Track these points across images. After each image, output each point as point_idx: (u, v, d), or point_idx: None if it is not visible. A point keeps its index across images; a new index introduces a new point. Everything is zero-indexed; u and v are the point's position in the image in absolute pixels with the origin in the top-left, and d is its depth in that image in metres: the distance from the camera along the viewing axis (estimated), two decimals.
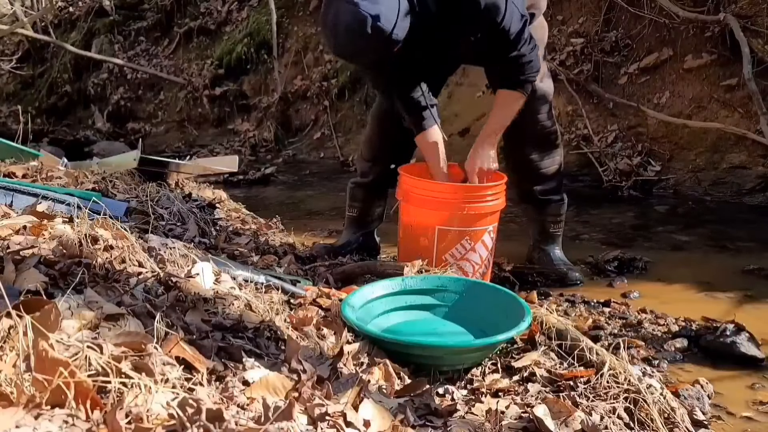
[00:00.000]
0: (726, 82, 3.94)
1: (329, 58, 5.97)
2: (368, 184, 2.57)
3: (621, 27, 4.44)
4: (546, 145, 2.43)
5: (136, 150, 3.15)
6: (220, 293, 1.44)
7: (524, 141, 2.40)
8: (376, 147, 2.55)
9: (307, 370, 1.23)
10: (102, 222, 1.53)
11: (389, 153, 2.49)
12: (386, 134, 2.51)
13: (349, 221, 2.63)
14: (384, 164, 2.50)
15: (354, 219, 2.61)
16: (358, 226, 2.60)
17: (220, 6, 7.09)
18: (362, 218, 2.60)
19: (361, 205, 2.60)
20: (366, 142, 2.64)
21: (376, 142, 2.56)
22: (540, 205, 2.51)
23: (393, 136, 2.47)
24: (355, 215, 2.61)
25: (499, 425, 1.23)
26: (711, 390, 1.68)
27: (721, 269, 2.63)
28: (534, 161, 2.42)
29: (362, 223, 2.60)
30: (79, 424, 0.86)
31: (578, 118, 4.38)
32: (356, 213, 2.61)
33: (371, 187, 2.57)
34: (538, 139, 2.40)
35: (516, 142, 2.42)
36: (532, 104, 2.30)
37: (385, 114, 2.50)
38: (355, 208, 2.61)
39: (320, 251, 2.50)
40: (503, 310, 1.65)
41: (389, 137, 2.49)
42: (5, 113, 7.82)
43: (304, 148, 5.77)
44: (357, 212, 2.61)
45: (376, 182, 2.54)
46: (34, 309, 1.01)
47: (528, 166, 2.44)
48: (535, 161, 2.42)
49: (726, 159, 3.84)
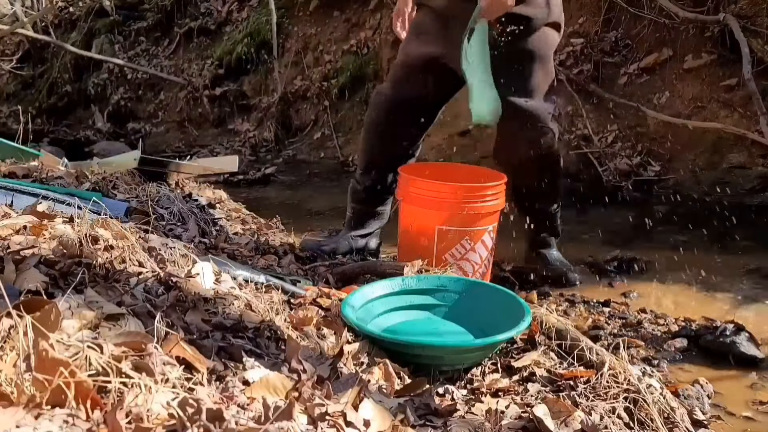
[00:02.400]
0: (726, 82, 3.94)
1: (329, 58, 5.97)
2: (364, 189, 2.57)
3: (621, 27, 4.44)
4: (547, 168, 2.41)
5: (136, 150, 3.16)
6: (220, 293, 1.44)
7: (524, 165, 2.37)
8: (367, 157, 2.56)
9: (307, 370, 1.23)
10: (102, 222, 1.53)
11: (379, 163, 2.49)
12: (376, 145, 2.51)
13: (347, 221, 2.65)
14: (374, 174, 2.51)
15: (350, 219, 2.62)
16: (351, 227, 2.61)
17: (220, 6, 7.09)
18: (357, 220, 2.60)
19: (357, 206, 2.61)
20: (359, 151, 2.66)
21: (366, 153, 2.57)
22: (535, 217, 2.51)
23: (383, 148, 2.48)
24: (352, 215, 2.62)
25: (498, 425, 1.23)
26: (711, 390, 1.68)
27: (721, 269, 2.63)
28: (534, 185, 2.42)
29: (357, 225, 2.60)
30: (80, 424, 0.86)
31: (578, 118, 4.38)
32: (352, 213, 2.62)
33: (367, 192, 2.57)
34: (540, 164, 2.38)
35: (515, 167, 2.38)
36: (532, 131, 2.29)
37: (374, 123, 2.51)
38: (352, 208, 2.62)
39: (307, 245, 2.52)
40: (503, 310, 1.65)
41: (379, 148, 2.50)
42: (5, 113, 7.81)
43: (304, 148, 5.77)
44: (353, 213, 2.62)
45: (371, 188, 2.54)
46: (35, 309, 1.01)
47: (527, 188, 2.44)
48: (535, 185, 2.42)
49: (726, 159, 3.84)
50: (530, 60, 2.25)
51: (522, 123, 2.26)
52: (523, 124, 2.26)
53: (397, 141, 2.48)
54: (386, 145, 2.48)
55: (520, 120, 2.25)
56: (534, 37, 2.24)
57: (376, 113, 2.51)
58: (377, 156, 2.51)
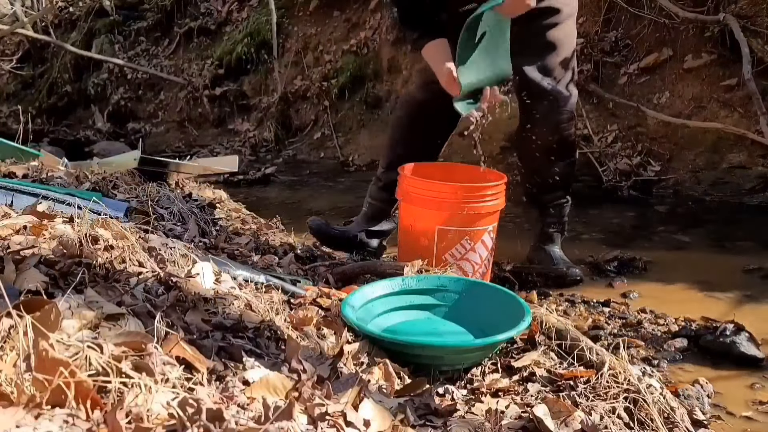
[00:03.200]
0: (726, 82, 3.94)
1: (329, 58, 5.97)
2: (382, 187, 2.61)
3: (621, 27, 4.44)
4: (564, 154, 2.45)
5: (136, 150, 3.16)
6: (220, 293, 1.44)
7: (543, 150, 2.40)
8: (391, 155, 2.59)
9: (307, 369, 1.23)
10: (102, 222, 1.53)
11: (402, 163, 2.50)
12: (401, 144, 2.57)
13: (362, 215, 2.68)
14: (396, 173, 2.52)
15: (365, 214, 2.66)
16: (366, 221, 2.65)
17: (220, 6, 7.09)
18: (372, 215, 2.64)
19: (374, 202, 2.65)
20: (384, 148, 2.71)
21: (391, 150, 2.61)
22: (545, 209, 2.52)
23: (408, 147, 2.52)
24: (367, 210, 2.66)
25: (498, 425, 1.23)
26: (711, 390, 1.68)
27: (721, 269, 2.63)
28: (550, 171, 2.45)
29: (371, 220, 2.64)
30: (80, 424, 0.86)
31: (578, 118, 4.36)
32: (368, 208, 2.66)
33: (384, 191, 2.60)
34: (558, 149, 2.42)
35: (534, 152, 2.42)
36: (556, 114, 2.33)
37: (400, 123, 2.58)
38: (369, 204, 2.67)
39: (315, 224, 2.60)
40: (503, 310, 1.65)
41: (404, 147, 2.54)
42: (5, 113, 7.81)
43: (304, 148, 5.77)
44: (369, 208, 2.66)
45: (389, 187, 2.55)
46: (35, 309, 1.01)
47: (542, 176, 2.47)
48: (550, 171, 2.45)
49: (726, 159, 3.84)
50: (555, 49, 2.32)
51: (550, 106, 2.32)
52: (552, 106, 2.32)
53: (424, 140, 2.53)
54: (412, 145, 2.52)
55: (549, 103, 2.31)
56: (560, 27, 2.31)
57: (404, 112, 2.59)
58: (401, 155, 2.52)
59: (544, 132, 2.36)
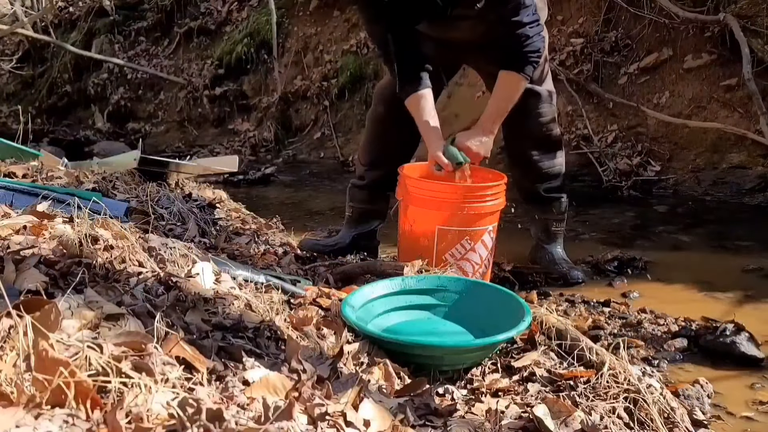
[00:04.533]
0: (726, 82, 3.94)
1: (329, 58, 5.97)
2: (364, 186, 2.58)
3: (621, 27, 4.44)
4: (548, 146, 2.48)
5: (136, 150, 3.15)
6: (220, 293, 1.44)
7: (526, 140, 2.44)
8: (373, 152, 2.57)
9: (307, 369, 1.23)
10: (102, 222, 1.53)
11: (386, 158, 2.50)
12: (382, 139, 2.54)
13: (346, 221, 2.65)
14: (381, 169, 2.52)
15: (350, 219, 2.63)
16: (353, 226, 2.61)
17: (220, 6, 7.09)
18: (358, 219, 2.61)
19: (358, 206, 2.61)
20: (363, 146, 2.67)
21: (372, 146, 2.58)
22: (544, 204, 2.53)
23: (389, 141, 2.49)
24: (351, 215, 2.63)
25: (498, 425, 1.23)
26: (711, 390, 1.68)
27: (721, 269, 2.63)
28: (537, 161, 2.47)
29: (357, 224, 2.61)
30: (79, 424, 0.86)
31: (578, 118, 4.38)
32: (352, 213, 2.63)
33: (368, 190, 2.58)
34: (541, 140, 2.45)
35: (518, 142, 2.47)
36: (535, 104, 2.36)
37: (380, 118, 2.53)
38: (352, 208, 2.63)
39: (308, 245, 2.53)
40: (503, 310, 1.65)
41: (386, 142, 2.52)
42: (5, 113, 7.81)
43: (304, 148, 5.77)
44: (353, 212, 2.62)
45: (373, 185, 2.56)
46: (34, 309, 1.01)
47: (531, 166, 2.48)
48: (537, 161, 2.47)
49: (726, 159, 3.85)
50: None
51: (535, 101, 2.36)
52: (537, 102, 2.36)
53: (404, 133, 2.45)
54: (393, 139, 2.48)
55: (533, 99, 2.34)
56: None
57: (382, 107, 2.51)
58: (383, 150, 2.51)
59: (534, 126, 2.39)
